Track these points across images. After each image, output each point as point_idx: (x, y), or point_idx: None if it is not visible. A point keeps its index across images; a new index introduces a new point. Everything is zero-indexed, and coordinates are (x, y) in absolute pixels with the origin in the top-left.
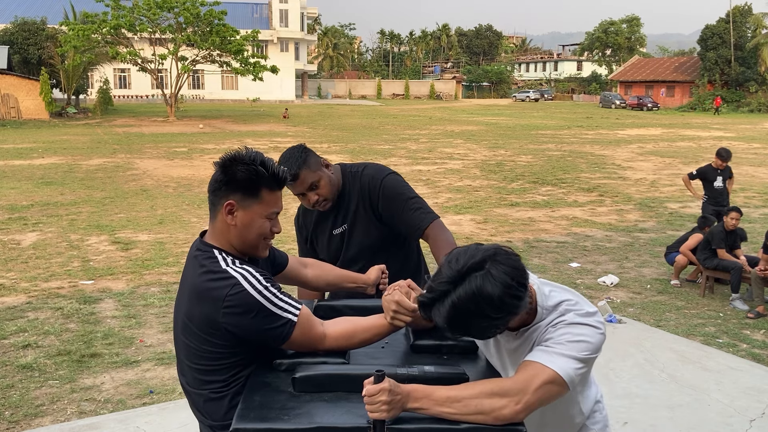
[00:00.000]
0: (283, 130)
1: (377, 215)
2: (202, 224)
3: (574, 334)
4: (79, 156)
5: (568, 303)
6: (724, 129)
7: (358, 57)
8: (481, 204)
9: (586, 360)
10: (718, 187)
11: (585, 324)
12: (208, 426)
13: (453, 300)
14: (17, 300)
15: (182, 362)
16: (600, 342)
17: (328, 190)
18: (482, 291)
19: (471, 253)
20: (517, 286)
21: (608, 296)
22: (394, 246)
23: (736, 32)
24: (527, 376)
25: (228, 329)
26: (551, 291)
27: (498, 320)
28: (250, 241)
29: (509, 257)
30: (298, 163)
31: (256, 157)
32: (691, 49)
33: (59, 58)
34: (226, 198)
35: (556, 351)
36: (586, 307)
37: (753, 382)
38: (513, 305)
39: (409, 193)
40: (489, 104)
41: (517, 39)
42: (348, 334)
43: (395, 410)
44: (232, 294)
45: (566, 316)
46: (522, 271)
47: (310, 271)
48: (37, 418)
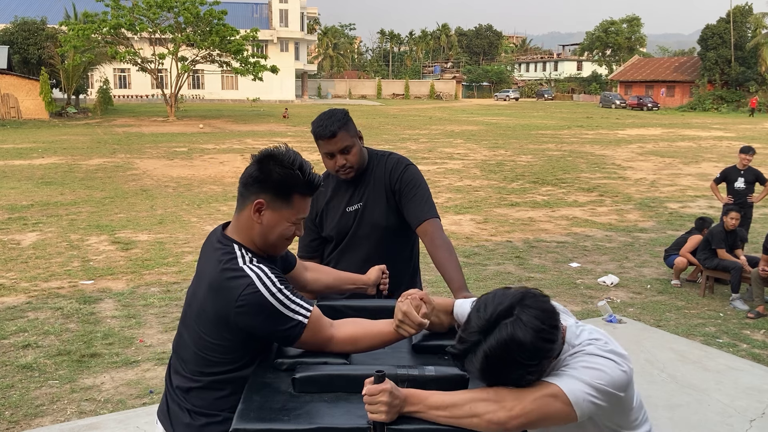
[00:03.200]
0: (283, 130)
1: (395, 198)
2: (202, 224)
3: (591, 362)
4: (79, 156)
5: (596, 341)
6: (724, 129)
7: (358, 57)
8: (481, 204)
9: (601, 391)
10: (738, 188)
11: (606, 357)
12: (185, 410)
13: (485, 350)
14: (17, 300)
15: (187, 348)
16: (620, 378)
17: (356, 159)
18: (514, 338)
19: (498, 299)
20: (548, 329)
21: (608, 296)
22: (403, 238)
23: (737, 32)
24: (529, 389)
25: (239, 327)
26: (582, 331)
27: (532, 367)
28: (272, 241)
29: (537, 300)
30: (339, 123)
31: (295, 160)
32: (691, 49)
33: (59, 58)
34: (257, 196)
35: (567, 373)
36: (613, 346)
37: (753, 382)
38: (546, 349)
39: (422, 185)
40: (489, 104)
41: (517, 39)
42: (354, 339)
43: (393, 413)
44: (246, 294)
45: (587, 348)
46: (552, 312)
47: (309, 275)
48: (37, 418)
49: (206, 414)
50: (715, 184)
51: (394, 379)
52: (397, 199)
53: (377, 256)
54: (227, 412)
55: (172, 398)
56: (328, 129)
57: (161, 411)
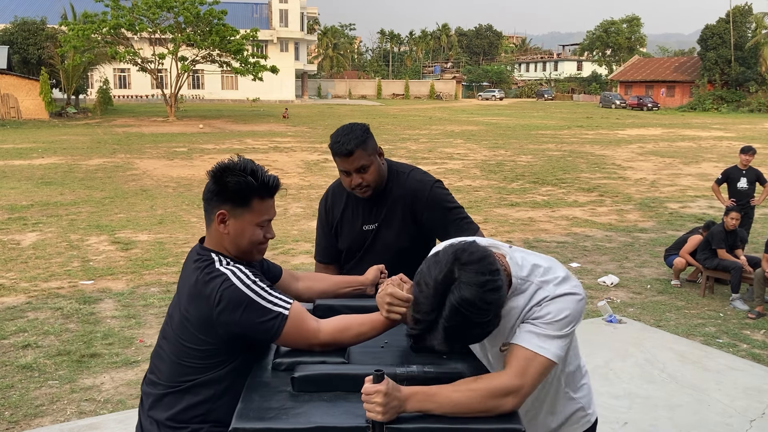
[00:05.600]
0: (283, 130)
1: (415, 219)
2: (202, 224)
3: (558, 310)
4: (79, 156)
5: (542, 271)
6: (724, 129)
7: (358, 57)
8: (481, 204)
9: (571, 333)
10: (741, 188)
11: (565, 294)
12: (154, 421)
13: (443, 324)
14: (17, 300)
15: (164, 359)
16: (581, 309)
17: (373, 178)
18: (463, 301)
19: (434, 269)
20: (490, 278)
21: (608, 296)
22: (418, 250)
23: (736, 32)
24: (521, 368)
25: (222, 328)
26: (523, 258)
27: (489, 321)
28: (244, 248)
29: (470, 253)
30: (357, 141)
31: (246, 167)
32: (691, 49)
33: (59, 58)
34: (218, 208)
35: (545, 333)
36: (560, 272)
37: (753, 382)
38: (496, 300)
39: (454, 203)
40: (489, 104)
41: (517, 39)
42: (342, 327)
43: (390, 413)
44: (222, 290)
45: (546, 289)
46: (487, 258)
47: (301, 284)
48: (36, 418)
49: (174, 427)
50: (716, 185)
51: (393, 378)
52: (426, 224)
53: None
54: (195, 423)
55: (145, 416)
56: (345, 147)
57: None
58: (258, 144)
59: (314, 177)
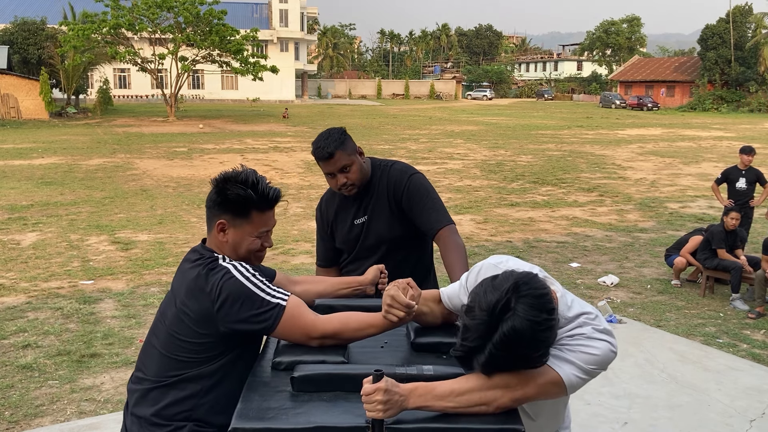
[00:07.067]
0: (283, 129)
1: (400, 207)
2: (202, 224)
3: (589, 346)
4: (79, 156)
5: (588, 316)
6: (724, 129)
7: (358, 57)
8: (481, 204)
9: (591, 372)
10: (740, 189)
11: (602, 340)
12: (137, 418)
13: (490, 350)
14: (17, 300)
15: (154, 356)
16: (610, 359)
17: (357, 176)
18: (515, 334)
19: (490, 295)
20: (547, 317)
21: (608, 296)
22: (411, 246)
23: (737, 32)
24: (533, 373)
25: (222, 320)
26: (573, 301)
27: (537, 357)
28: (242, 256)
29: (530, 286)
30: (336, 143)
31: (247, 179)
32: (691, 49)
33: (59, 58)
34: (219, 217)
35: (567, 358)
36: (605, 324)
37: (753, 382)
38: (547, 337)
39: (431, 193)
40: (489, 104)
41: (517, 39)
42: (341, 322)
43: (392, 410)
44: (223, 282)
45: (585, 329)
46: (547, 296)
47: (298, 288)
48: (36, 418)
49: (157, 424)
50: (716, 185)
51: (393, 378)
52: (406, 210)
53: (388, 265)
54: (178, 420)
55: (128, 415)
56: (325, 150)
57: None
58: (258, 144)
59: (314, 177)
